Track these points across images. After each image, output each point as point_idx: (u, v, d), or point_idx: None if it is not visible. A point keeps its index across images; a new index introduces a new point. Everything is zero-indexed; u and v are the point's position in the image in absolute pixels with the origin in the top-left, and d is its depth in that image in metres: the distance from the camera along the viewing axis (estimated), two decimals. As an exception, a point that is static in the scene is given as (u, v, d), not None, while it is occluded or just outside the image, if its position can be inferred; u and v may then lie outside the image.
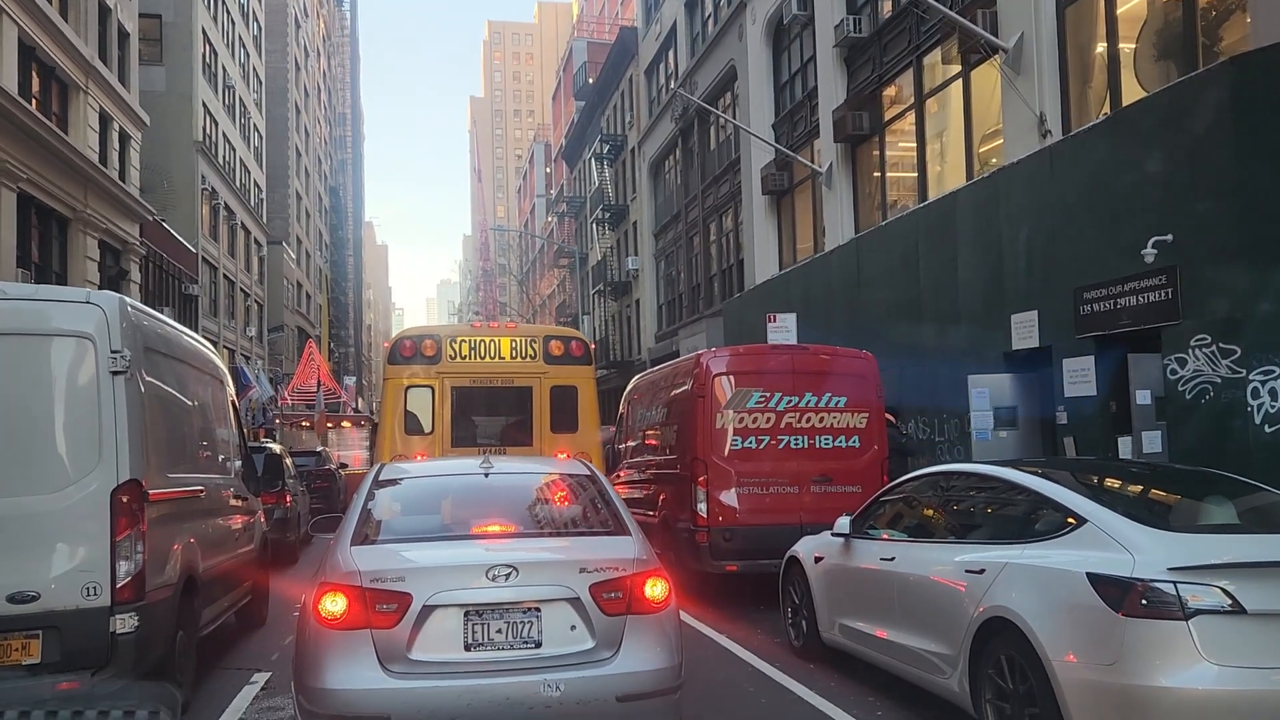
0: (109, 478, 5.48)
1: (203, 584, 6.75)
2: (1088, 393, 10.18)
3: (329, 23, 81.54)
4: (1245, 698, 4.17)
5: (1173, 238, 9.06)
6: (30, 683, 5.17)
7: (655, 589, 4.81)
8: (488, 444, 11.05)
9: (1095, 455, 9.83)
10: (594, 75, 45.84)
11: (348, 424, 30.77)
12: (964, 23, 13.26)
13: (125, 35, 26.99)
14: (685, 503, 10.18)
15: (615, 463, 13.74)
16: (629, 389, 14.22)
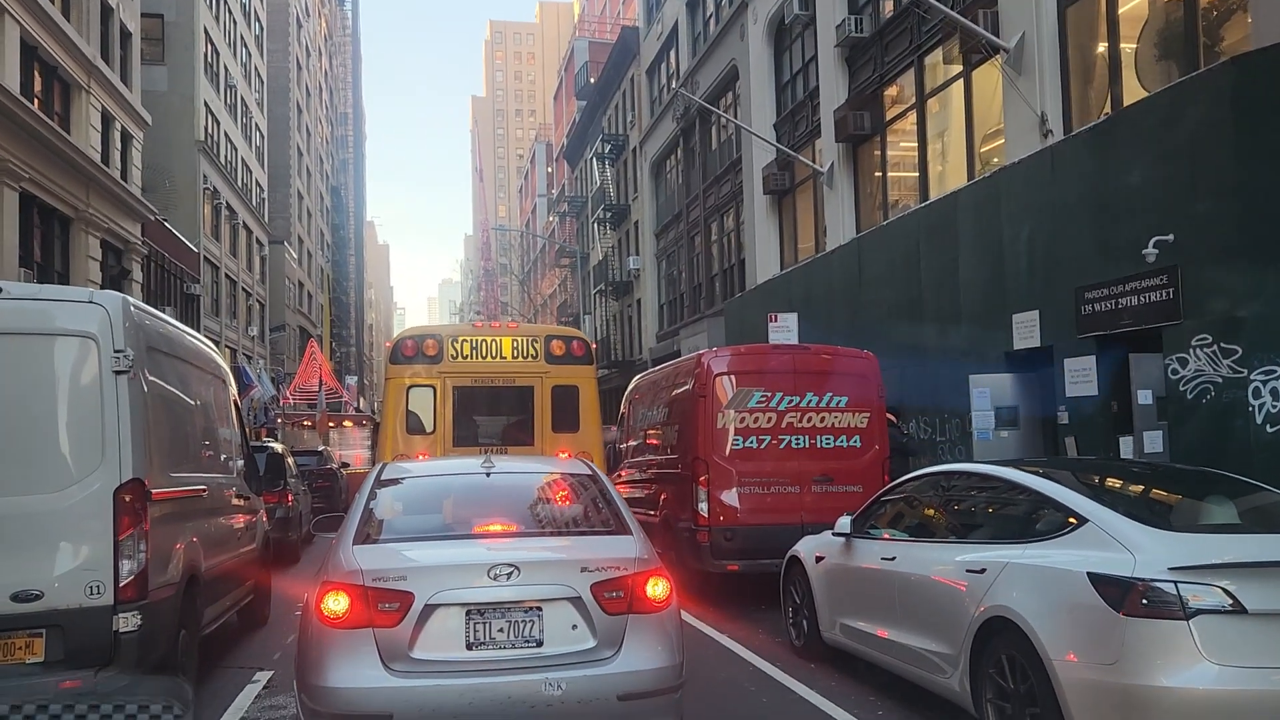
0: (112, 477, 5.49)
1: (205, 583, 6.76)
2: (1089, 392, 10.19)
3: (331, 22, 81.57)
4: (1246, 697, 4.18)
5: (1174, 237, 9.06)
6: (33, 681, 5.19)
7: (656, 588, 4.82)
8: (489, 443, 11.06)
9: (1096, 455, 9.84)
10: (595, 75, 45.84)
11: (349, 423, 30.82)
12: (965, 23, 13.26)
13: (127, 35, 27.02)
14: (686, 502, 10.19)
15: (617, 462, 13.75)
16: (630, 389, 14.23)
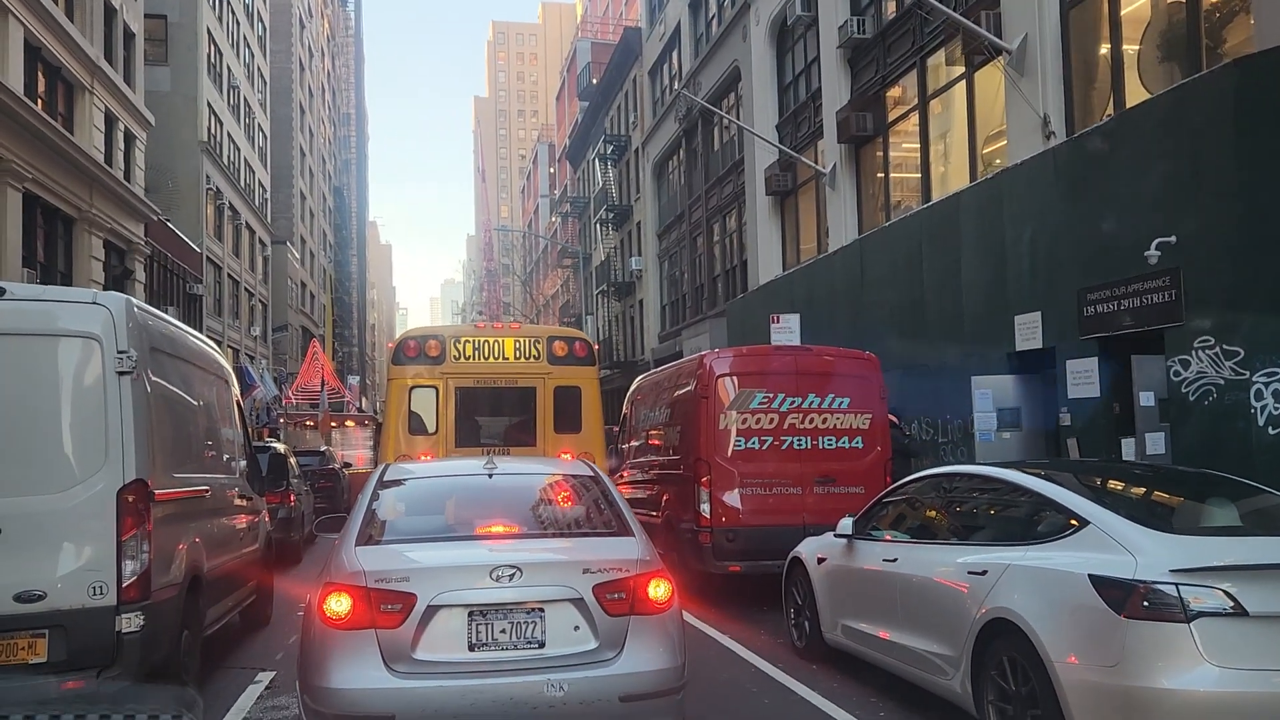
0: (115, 477, 5.50)
1: (208, 583, 6.77)
2: (1091, 394, 10.19)
3: (333, 23, 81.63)
4: (1247, 700, 4.18)
5: (1176, 239, 9.06)
6: (36, 682, 5.19)
7: (658, 590, 4.83)
8: (491, 444, 11.08)
9: (1098, 457, 9.84)
10: (598, 76, 45.86)
11: (351, 423, 30.82)
12: (968, 24, 13.26)
13: (131, 35, 27.06)
14: (688, 503, 10.19)
15: (618, 463, 13.75)
16: (632, 389, 14.23)
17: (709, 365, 10.43)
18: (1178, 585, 4.27)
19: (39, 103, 20.57)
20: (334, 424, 29.60)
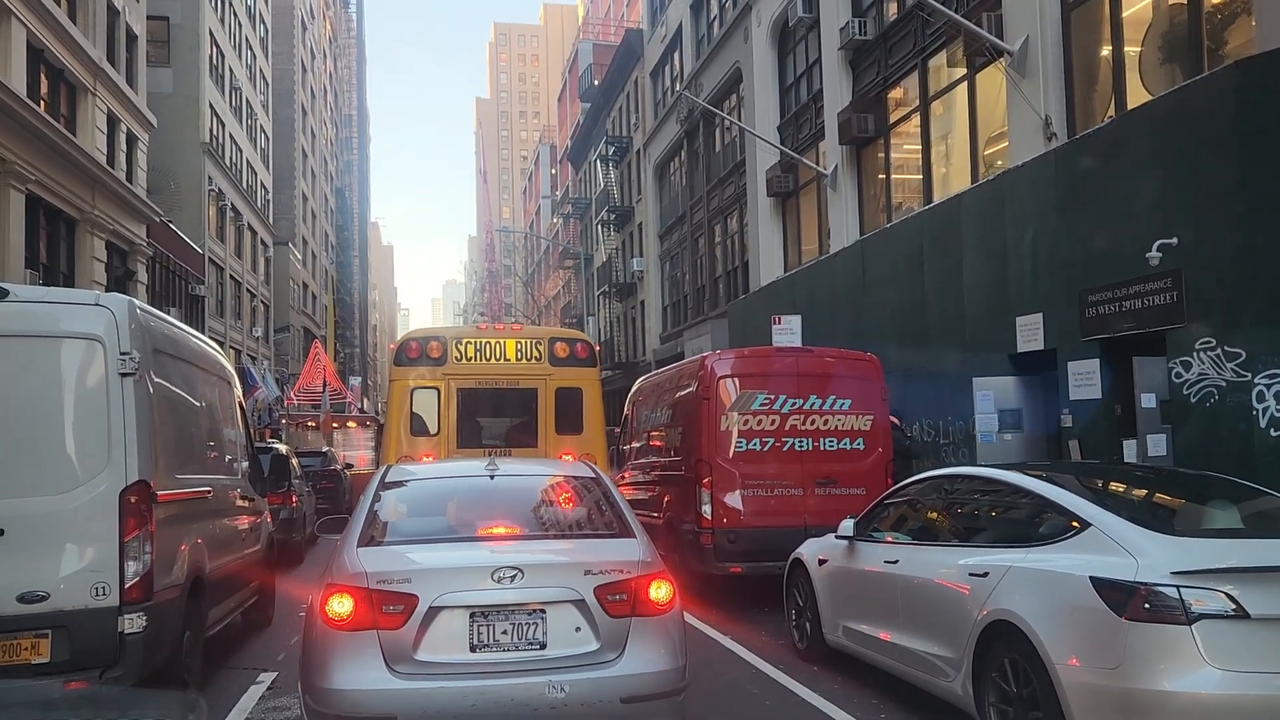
0: (118, 479, 5.52)
1: (210, 584, 6.78)
2: (1092, 396, 10.19)
3: (335, 25, 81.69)
4: (1248, 702, 4.18)
5: (1177, 241, 9.06)
6: (39, 682, 5.21)
7: (660, 591, 4.83)
8: (493, 445, 11.08)
9: (1100, 459, 9.84)
10: (599, 77, 45.88)
11: (353, 424, 30.87)
12: (969, 25, 13.27)
13: (133, 37, 27.10)
14: (690, 504, 10.20)
15: (620, 464, 13.76)
16: (633, 391, 14.24)
17: (710, 367, 10.43)
18: (1179, 587, 4.27)
19: (41, 104, 20.60)
20: (336, 425, 29.64)
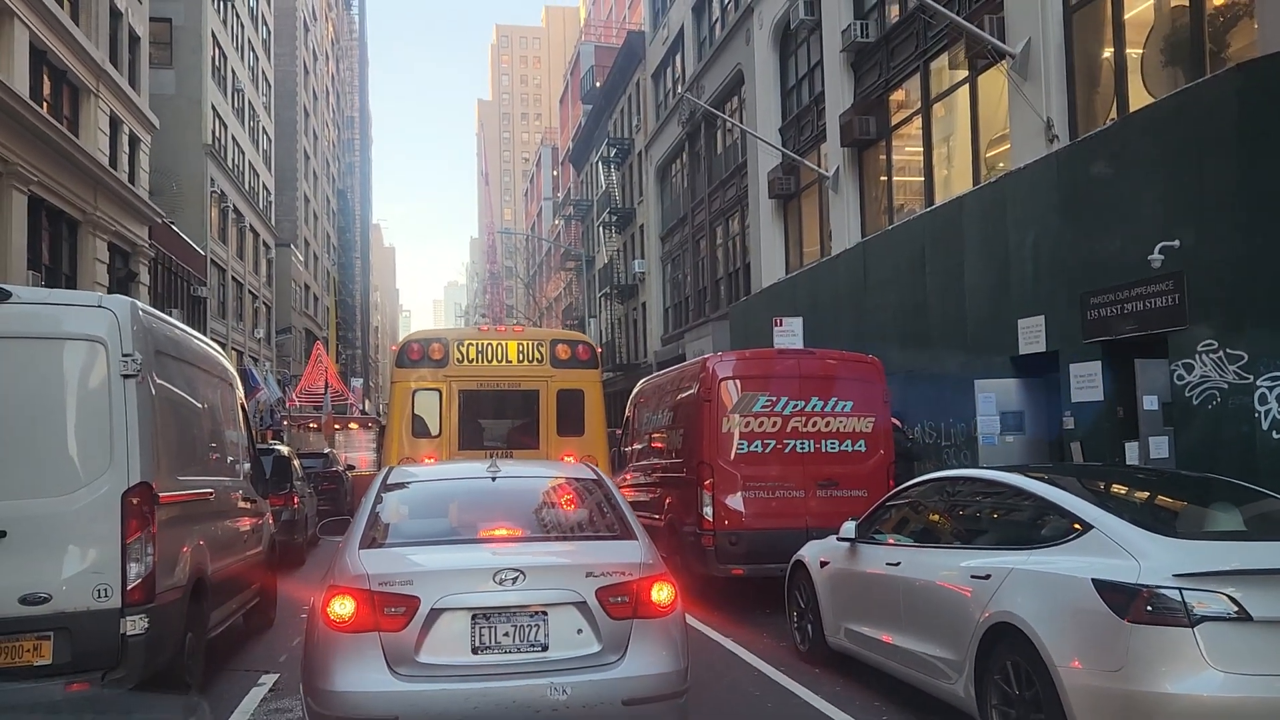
0: (120, 480, 5.52)
1: (212, 586, 6.78)
2: (1094, 398, 10.19)
3: (338, 26, 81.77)
4: (1251, 705, 4.18)
5: (1179, 243, 9.06)
6: (41, 684, 5.21)
7: (661, 593, 4.83)
8: (494, 447, 11.07)
9: (1102, 461, 9.83)
10: (601, 79, 45.90)
11: (355, 426, 30.84)
12: (971, 28, 13.27)
13: (136, 39, 27.13)
14: (691, 506, 10.20)
15: (621, 466, 13.76)
16: (635, 392, 14.23)
17: (712, 368, 10.43)
18: (1181, 590, 4.27)
19: (44, 106, 20.62)
20: (337, 426, 29.62)
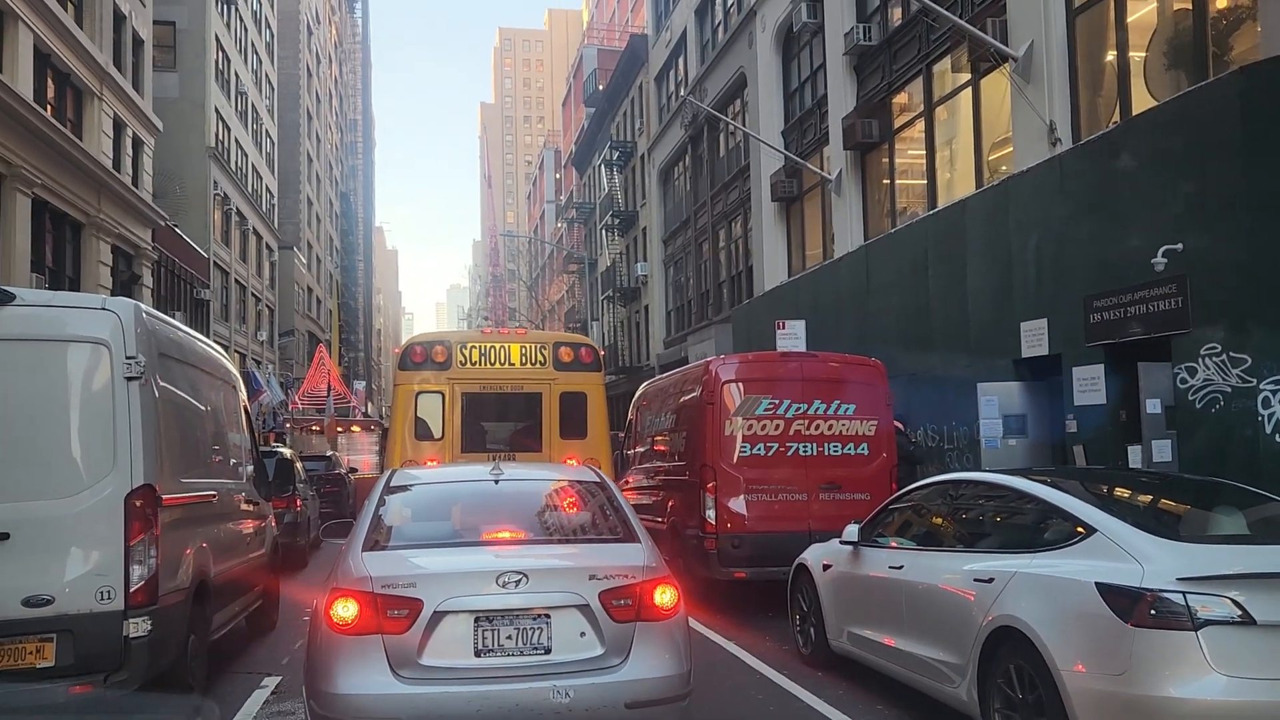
0: (123, 482, 5.52)
1: (215, 588, 6.79)
2: (1097, 401, 10.17)
3: (341, 29, 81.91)
4: (1254, 709, 4.17)
5: (1183, 246, 9.05)
6: (44, 686, 5.21)
7: (664, 596, 4.83)
8: (497, 449, 11.08)
9: (1105, 464, 9.82)
10: (604, 82, 45.94)
11: (357, 428, 30.84)
12: (974, 31, 13.27)
13: (139, 42, 27.19)
14: (694, 509, 10.19)
15: (624, 469, 13.76)
16: (638, 395, 14.23)
17: (715, 371, 10.43)
18: (1185, 594, 4.26)
19: (48, 109, 20.66)
20: (340, 429, 29.62)
